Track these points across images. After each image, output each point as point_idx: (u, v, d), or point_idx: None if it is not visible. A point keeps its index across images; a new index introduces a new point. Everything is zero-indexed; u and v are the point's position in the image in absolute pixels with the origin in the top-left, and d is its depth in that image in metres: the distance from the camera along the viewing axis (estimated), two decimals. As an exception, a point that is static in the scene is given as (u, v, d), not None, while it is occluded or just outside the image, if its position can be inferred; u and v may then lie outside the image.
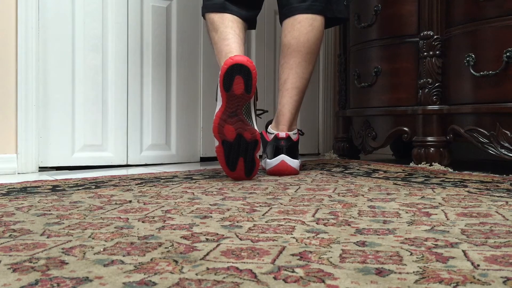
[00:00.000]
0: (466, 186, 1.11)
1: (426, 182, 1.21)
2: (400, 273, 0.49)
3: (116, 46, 1.82)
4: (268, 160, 1.43)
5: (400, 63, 1.71)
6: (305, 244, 0.61)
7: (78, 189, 1.13)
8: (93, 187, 1.17)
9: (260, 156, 1.69)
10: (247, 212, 0.83)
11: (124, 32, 1.84)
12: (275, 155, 1.40)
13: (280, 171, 1.39)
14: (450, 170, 1.47)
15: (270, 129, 1.48)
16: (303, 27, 1.44)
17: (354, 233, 0.67)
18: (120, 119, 1.83)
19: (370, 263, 0.52)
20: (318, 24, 1.46)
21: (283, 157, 1.39)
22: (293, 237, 0.64)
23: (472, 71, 1.45)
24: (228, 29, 1.42)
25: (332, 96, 2.47)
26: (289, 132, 1.43)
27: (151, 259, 0.54)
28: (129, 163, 1.85)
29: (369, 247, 0.59)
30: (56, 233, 0.68)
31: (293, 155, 1.42)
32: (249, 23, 1.53)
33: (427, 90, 1.61)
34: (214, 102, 1.40)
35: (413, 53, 1.67)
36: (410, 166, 1.58)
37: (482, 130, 1.44)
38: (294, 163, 1.41)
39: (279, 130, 1.44)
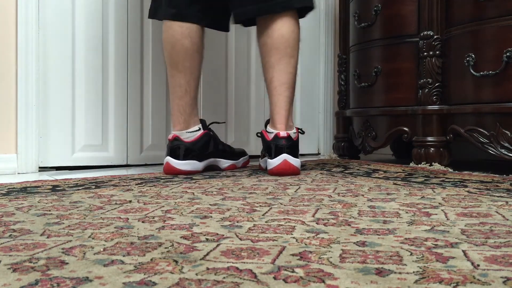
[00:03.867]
0: (466, 186, 1.11)
1: (426, 182, 1.21)
2: (400, 273, 0.49)
3: (116, 46, 1.82)
4: (269, 159, 1.41)
5: (400, 63, 1.71)
6: (305, 244, 0.60)
7: (78, 189, 1.13)
8: (93, 187, 1.17)
9: (258, 156, 1.69)
10: (247, 212, 0.83)
11: (124, 32, 1.84)
12: (276, 154, 1.39)
13: (283, 170, 1.38)
14: (450, 170, 1.47)
15: (269, 128, 1.47)
16: (275, 24, 1.43)
17: (354, 233, 0.67)
18: (120, 119, 1.83)
19: (370, 263, 0.52)
20: (290, 17, 1.44)
21: (285, 156, 1.38)
22: (293, 237, 0.64)
23: (472, 71, 1.45)
24: (182, 80, 1.50)
25: (332, 96, 2.47)
26: (289, 131, 1.42)
27: (151, 259, 0.54)
28: (129, 163, 1.85)
29: (369, 247, 0.59)
30: (56, 233, 0.68)
31: (294, 154, 1.41)
32: (219, 27, 1.59)
33: (427, 90, 1.61)
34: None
35: (413, 53, 1.67)
36: (410, 166, 1.58)
37: (482, 130, 1.44)
38: (296, 162, 1.40)
39: (278, 130, 1.43)
